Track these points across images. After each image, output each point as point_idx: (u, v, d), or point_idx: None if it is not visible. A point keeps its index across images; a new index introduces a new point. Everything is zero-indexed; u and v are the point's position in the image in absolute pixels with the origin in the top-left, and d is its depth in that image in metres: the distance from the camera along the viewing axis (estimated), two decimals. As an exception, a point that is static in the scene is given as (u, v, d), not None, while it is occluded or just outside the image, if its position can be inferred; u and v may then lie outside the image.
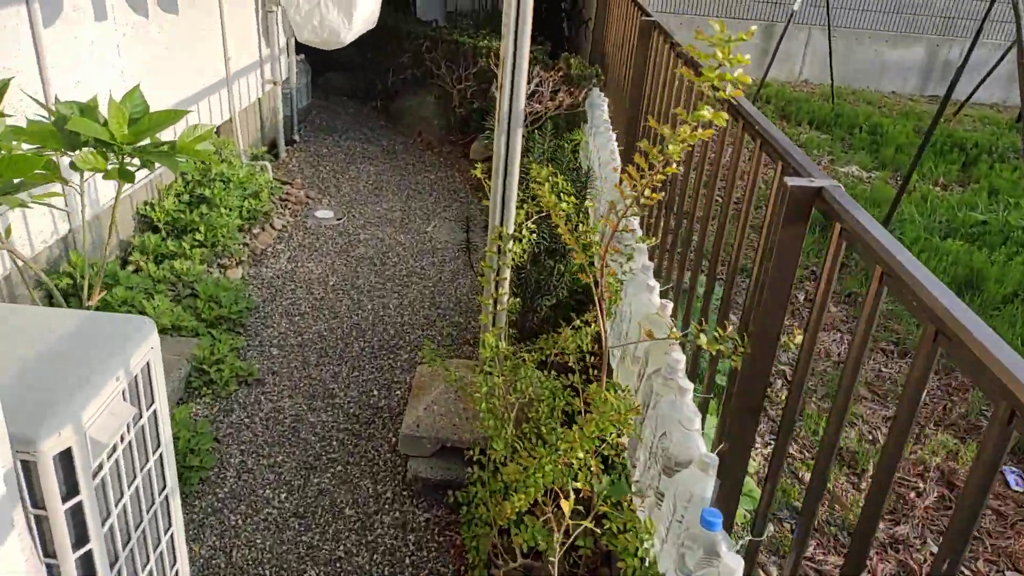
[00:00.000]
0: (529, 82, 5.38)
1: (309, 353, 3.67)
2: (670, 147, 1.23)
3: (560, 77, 5.41)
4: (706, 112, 1.17)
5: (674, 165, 1.30)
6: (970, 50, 5.26)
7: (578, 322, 2.60)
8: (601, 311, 2.18)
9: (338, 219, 5.20)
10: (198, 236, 4.20)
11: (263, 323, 3.89)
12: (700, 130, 1.23)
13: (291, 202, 5.29)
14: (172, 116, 2.47)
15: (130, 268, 4.01)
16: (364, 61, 7.72)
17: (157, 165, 2.51)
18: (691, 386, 2.10)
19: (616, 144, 4.26)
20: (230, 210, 4.49)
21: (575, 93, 5.38)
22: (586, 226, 2.48)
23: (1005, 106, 11.05)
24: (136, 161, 2.50)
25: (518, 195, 2.77)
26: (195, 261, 4.11)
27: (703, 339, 1.71)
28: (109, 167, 2.46)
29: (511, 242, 2.71)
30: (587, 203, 3.21)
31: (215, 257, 4.30)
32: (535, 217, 2.81)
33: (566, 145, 5.16)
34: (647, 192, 1.39)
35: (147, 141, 2.45)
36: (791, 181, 1.37)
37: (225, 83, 5.12)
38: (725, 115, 1.23)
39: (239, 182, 4.76)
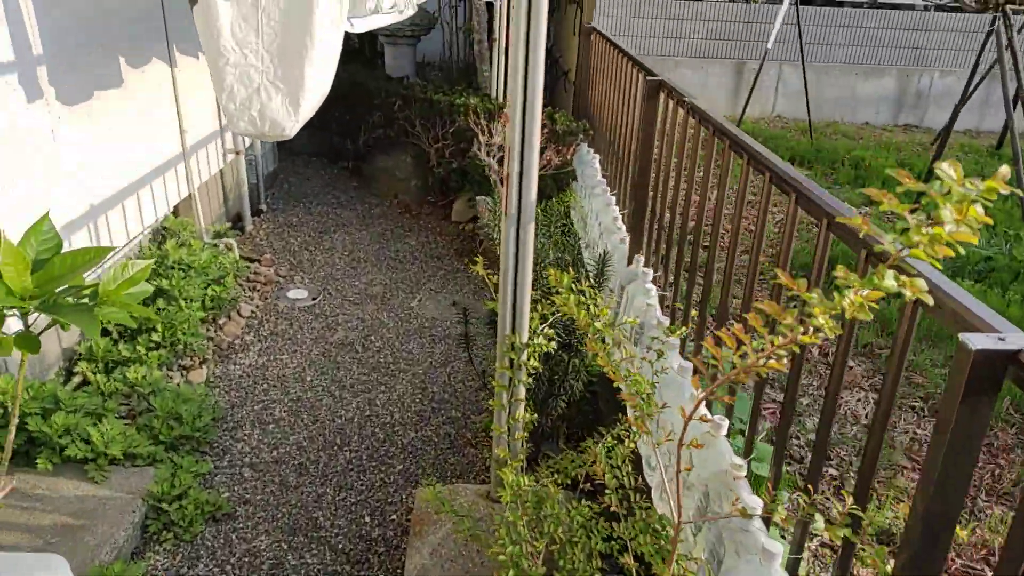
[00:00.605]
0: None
1: (287, 471, 3.18)
2: (817, 317, 0.81)
3: (546, 134, 5.05)
4: (889, 282, 0.76)
5: (817, 334, 0.88)
6: (975, 84, 5.00)
7: (609, 439, 2.18)
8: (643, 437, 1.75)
9: (313, 299, 4.74)
10: (155, 336, 3.70)
11: (232, 436, 3.39)
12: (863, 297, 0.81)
13: (260, 283, 4.82)
14: (94, 255, 2.00)
15: (76, 380, 3.49)
16: (332, 120, 7.34)
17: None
18: (779, 549, 1.66)
19: (618, 209, 3.88)
20: (191, 301, 4.01)
21: (563, 151, 5.02)
22: (599, 310, 2.09)
23: (979, 131, 10.99)
24: (43, 318, 2.01)
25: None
26: (152, 366, 3.61)
27: (820, 523, 1.28)
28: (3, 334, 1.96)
29: (525, 353, 2.28)
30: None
31: (175, 358, 3.81)
32: (551, 319, 2.39)
33: (557, 206, 4.78)
34: (755, 362, 0.97)
35: (63, 287, 1.97)
36: (973, 342, 0.96)
37: (182, 157, 4.68)
38: (923, 285, 0.81)
39: (201, 268, 4.29)
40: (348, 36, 3.89)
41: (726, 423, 1.97)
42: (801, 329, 0.88)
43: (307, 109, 2.29)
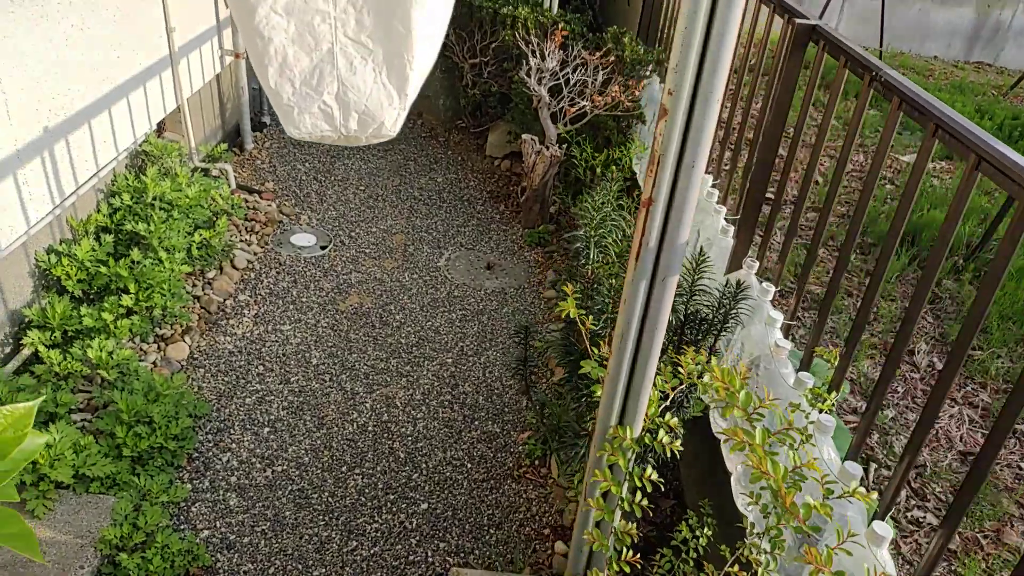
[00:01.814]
0: (569, 67, 4.12)
1: (283, 502, 2.53)
2: None
3: (610, 63, 4.14)
4: None
5: None
6: None
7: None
8: None
9: (322, 248, 3.98)
10: (126, 300, 2.97)
11: (217, 443, 2.73)
12: None
13: (259, 223, 4.05)
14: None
15: (24, 354, 2.79)
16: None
17: None
18: None
19: (717, 192, 3.06)
20: (173, 252, 3.26)
21: (632, 86, 4.12)
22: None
23: (1062, 77, 9.89)
24: None
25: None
26: (120, 338, 2.90)
27: None
28: None
29: (631, 455, 1.55)
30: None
31: (151, 326, 3.10)
32: (671, 392, 1.66)
33: (622, 160, 3.94)
34: None
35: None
36: None
37: (168, 62, 3.80)
38: None
39: (187, 205, 3.51)
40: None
41: None
42: None
43: (416, 81, 1.43)
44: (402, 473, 2.69)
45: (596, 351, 1.63)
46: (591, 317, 1.74)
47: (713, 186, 2.98)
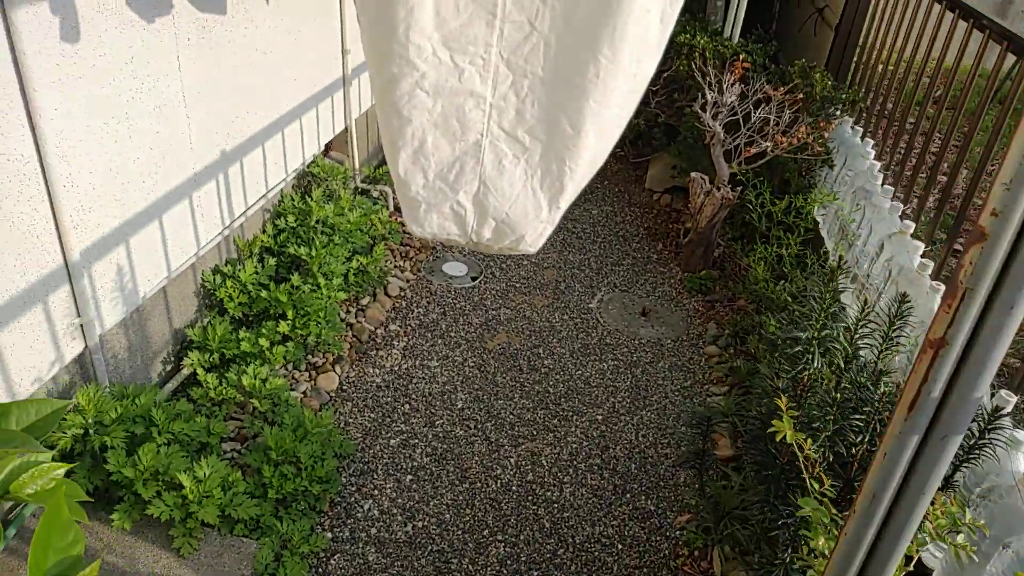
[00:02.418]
0: (749, 102, 3.78)
1: (422, 563, 2.39)
2: None
3: (797, 100, 3.76)
4: None
5: None
6: None
7: None
8: None
9: (473, 278, 3.86)
10: (283, 325, 2.96)
11: (360, 487, 2.64)
12: None
13: (413, 247, 3.99)
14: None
15: (183, 373, 2.83)
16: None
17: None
18: None
19: (923, 246, 2.64)
20: (331, 278, 3.23)
21: (821, 127, 3.73)
22: None
23: None
24: None
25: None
26: (274, 364, 2.89)
27: None
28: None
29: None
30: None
31: (304, 353, 3.07)
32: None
33: (805, 209, 3.56)
34: None
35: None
36: None
37: (341, 83, 3.82)
38: None
39: (348, 229, 3.49)
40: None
41: None
42: None
43: (573, 193, 1.22)
44: (547, 546, 2.49)
45: (816, 485, 1.35)
46: (808, 440, 1.45)
47: (925, 252, 2.58)
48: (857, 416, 1.66)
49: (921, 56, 3.20)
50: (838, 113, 3.92)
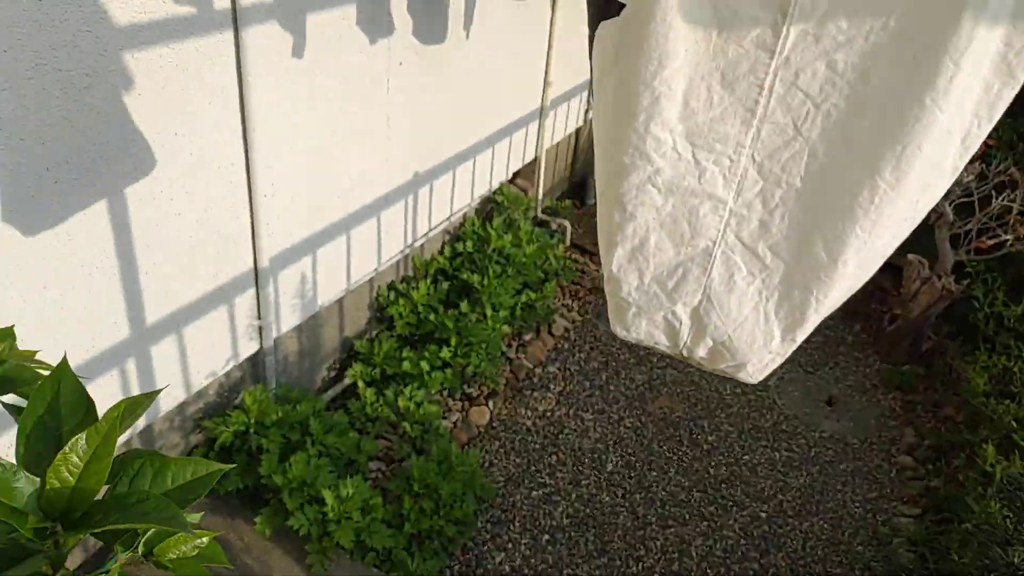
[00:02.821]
0: (989, 184, 3.29)
1: (545, 638, 2.23)
2: None
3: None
4: None
5: None
6: None
7: None
8: None
9: (641, 330, 3.65)
10: (445, 352, 2.93)
11: (493, 538, 2.53)
12: None
13: (583, 289, 3.86)
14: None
15: (345, 382, 2.87)
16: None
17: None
18: None
19: None
20: (498, 309, 3.17)
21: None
22: None
23: None
24: None
25: None
26: (431, 389, 2.85)
27: None
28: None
29: None
30: None
31: (460, 382, 3.03)
32: None
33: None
34: None
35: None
36: None
37: (537, 115, 3.78)
38: None
39: (522, 262, 3.42)
40: None
41: None
42: None
43: (812, 324, 1.04)
44: (683, 651, 2.24)
45: None
46: None
47: None
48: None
49: None
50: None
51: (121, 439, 1.31)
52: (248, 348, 2.37)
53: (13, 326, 1.27)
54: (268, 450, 2.30)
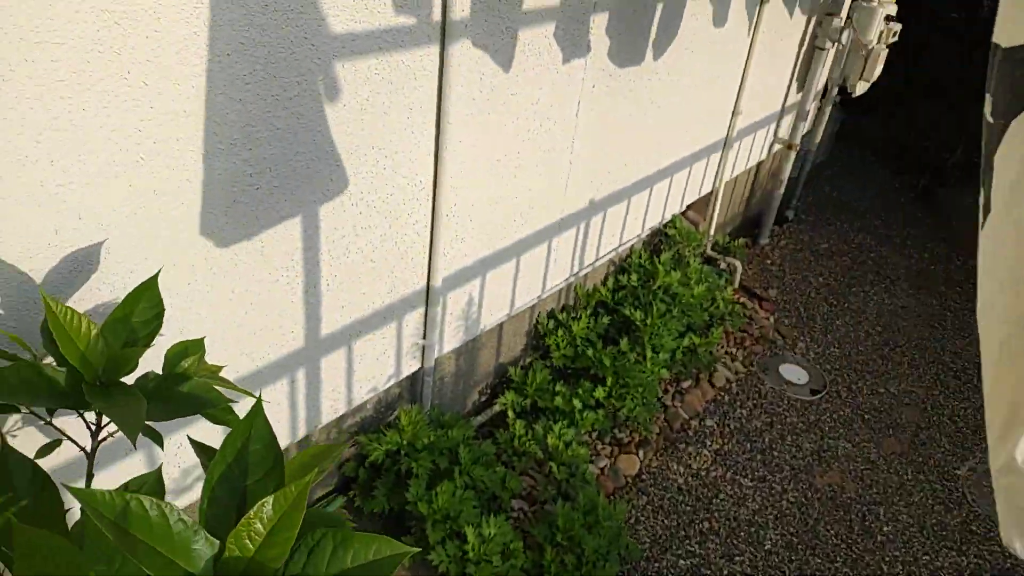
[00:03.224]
0: None
1: None
2: None
3: None
4: None
5: None
6: None
7: None
8: None
9: (813, 392, 3.33)
10: (599, 391, 2.77)
11: (635, 603, 2.34)
12: None
13: (750, 337, 3.57)
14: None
15: (494, 409, 2.77)
16: (917, 109, 5.46)
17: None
18: None
19: None
20: (659, 351, 2.97)
21: None
22: None
23: None
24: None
25: None
26: (581, 429, 2.70)
27: None
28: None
29: None
30: None
31: (611, 425, 2.85)
32: None
33: None
34: None
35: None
36: None
37: (720, 146, 3.54)
38: None
39: (689, 302, 3.20)
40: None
41: None
42: None
43: None
44: None
45: None
46: None
47: None
48: None
49: None
50: None
51: (281, 445, 1.27)
52: (410, 367, 2.31)
53: (203, 339, 1.24)
54: (417, 475, 2.23)
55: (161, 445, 1.07)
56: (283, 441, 2.00)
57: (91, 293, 1.36)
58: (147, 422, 1.03)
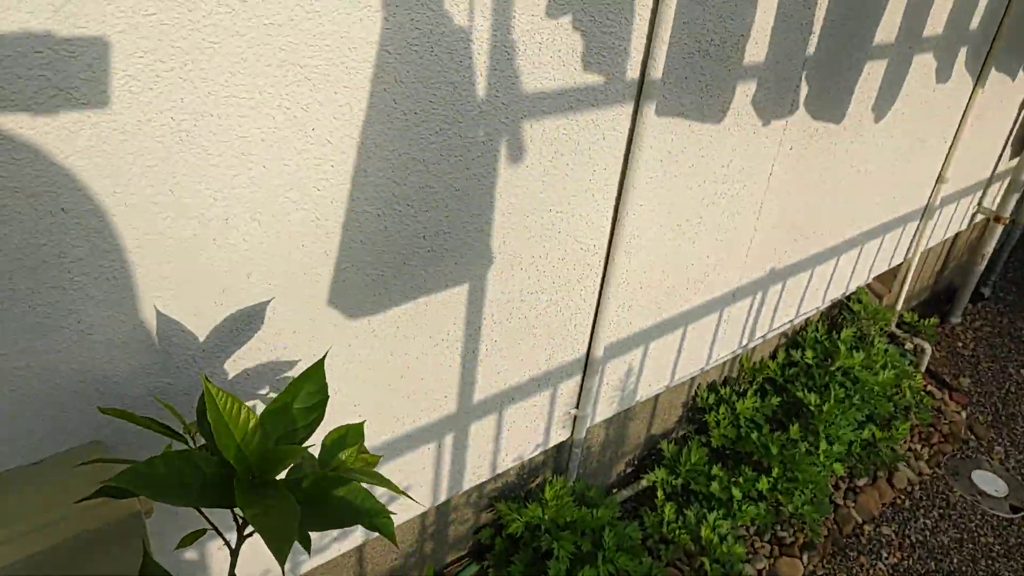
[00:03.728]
0: None
1: None
2: None
3: None
4: None
5: None
6: None
7: None
8: None
9: (1014, 509, 2.85)
10: (763, 482, 2.48)
11: None
12: None
13: (938, 433, 3.13)
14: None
15: (640, 484, 2.55)
16: None
17: None
18: None
19: None
20: (833, 443, 2.63)
21: None
22: None
23: None
24: None
25: None
26: (740, 521, 2.42)
27: None
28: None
29: None
30: None
31: (773, 523, 2.55)
32: None
33: None
34: None
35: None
36: None
37: (919, 215, 3.15)
38: None
39: (872, 388, 2.83)
40: None
41: None
42: None
43: None
44: None
45: None
46: None
47: None
48: None
49: None
50: None
51: (421, 509, 1.13)
52: (558, 436, 2.15)
53: (363, 424, 1.13)
54: (558, 557, 2.04)
55: (308, 550, 0.95)
56: (424, 503, 1.89)
57: (250, 353, 1.30)
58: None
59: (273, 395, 1.36)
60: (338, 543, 1.74)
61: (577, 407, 2.12)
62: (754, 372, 2.82)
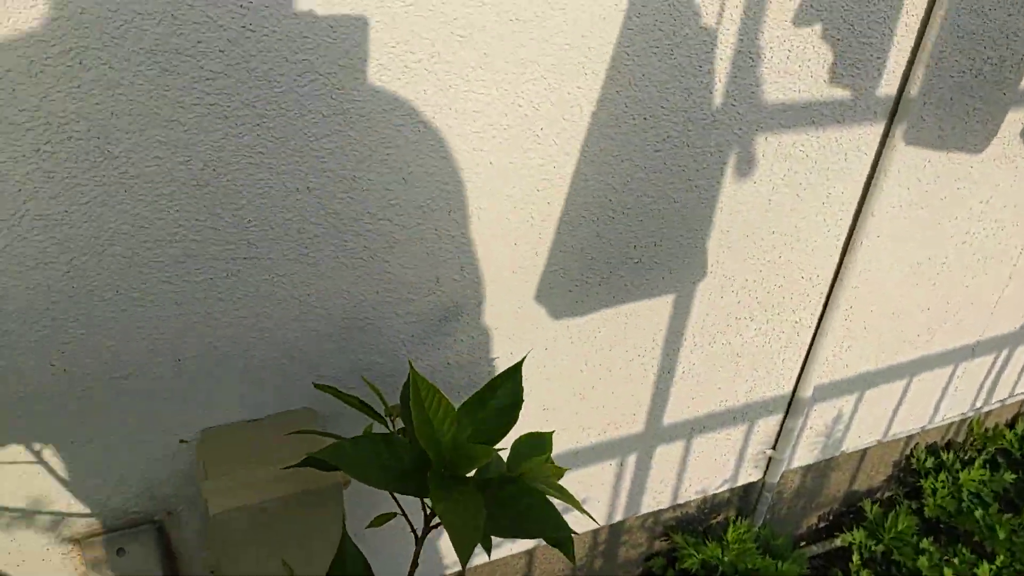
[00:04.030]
0: None
1: None
2: None
3: None
4: None
5: None
6: None
7: None
8: None
9: None
10: (982, 568, 2.15)
11: None
12: None
13: None
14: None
15: (833, 544, 2.31)
16: None
17: None
18: None
19: None
20: (1081, 539, 2.22)
21: None
22: None
23: None
24: None
25: None
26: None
27: None
28: None
29: None
30: None
31: (992, 615, 2.20)
32: None
33: None
34: None
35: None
36: None
37: None
38: None
39: None
40: None
41: None
42: None
43: None
44: None
45: None
46: None
47: None
48: None
49: None
50: None
51: (596, 523, 1.09)
52: (748, 475, 2.00)
53: (552, 433, 1.09)
54: (732, 606, 1.90)
55: (489, 552, 0.94)
56: (600, 520, 1.84)
57: (452, 344, 1.32)
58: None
59: (467, 389, 1.38)
60: (510, 543, 1.74)
61: (774, 448, 1.95)
62: (985, 440, 2.46)
